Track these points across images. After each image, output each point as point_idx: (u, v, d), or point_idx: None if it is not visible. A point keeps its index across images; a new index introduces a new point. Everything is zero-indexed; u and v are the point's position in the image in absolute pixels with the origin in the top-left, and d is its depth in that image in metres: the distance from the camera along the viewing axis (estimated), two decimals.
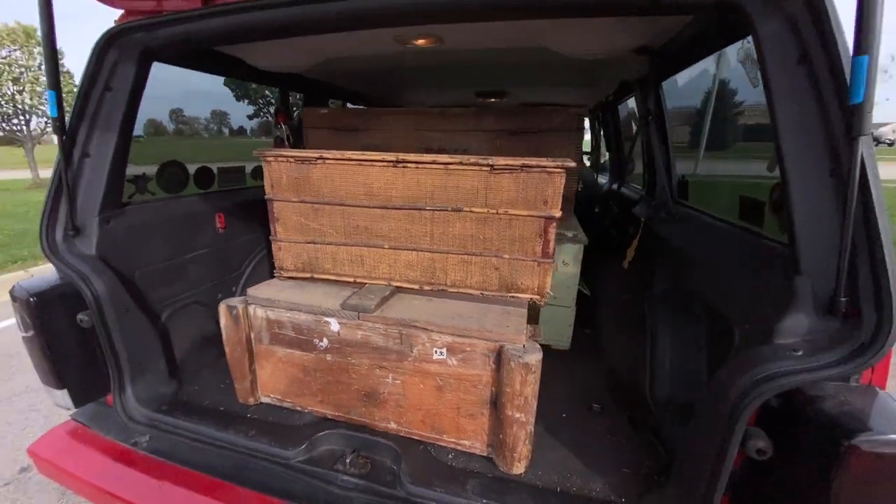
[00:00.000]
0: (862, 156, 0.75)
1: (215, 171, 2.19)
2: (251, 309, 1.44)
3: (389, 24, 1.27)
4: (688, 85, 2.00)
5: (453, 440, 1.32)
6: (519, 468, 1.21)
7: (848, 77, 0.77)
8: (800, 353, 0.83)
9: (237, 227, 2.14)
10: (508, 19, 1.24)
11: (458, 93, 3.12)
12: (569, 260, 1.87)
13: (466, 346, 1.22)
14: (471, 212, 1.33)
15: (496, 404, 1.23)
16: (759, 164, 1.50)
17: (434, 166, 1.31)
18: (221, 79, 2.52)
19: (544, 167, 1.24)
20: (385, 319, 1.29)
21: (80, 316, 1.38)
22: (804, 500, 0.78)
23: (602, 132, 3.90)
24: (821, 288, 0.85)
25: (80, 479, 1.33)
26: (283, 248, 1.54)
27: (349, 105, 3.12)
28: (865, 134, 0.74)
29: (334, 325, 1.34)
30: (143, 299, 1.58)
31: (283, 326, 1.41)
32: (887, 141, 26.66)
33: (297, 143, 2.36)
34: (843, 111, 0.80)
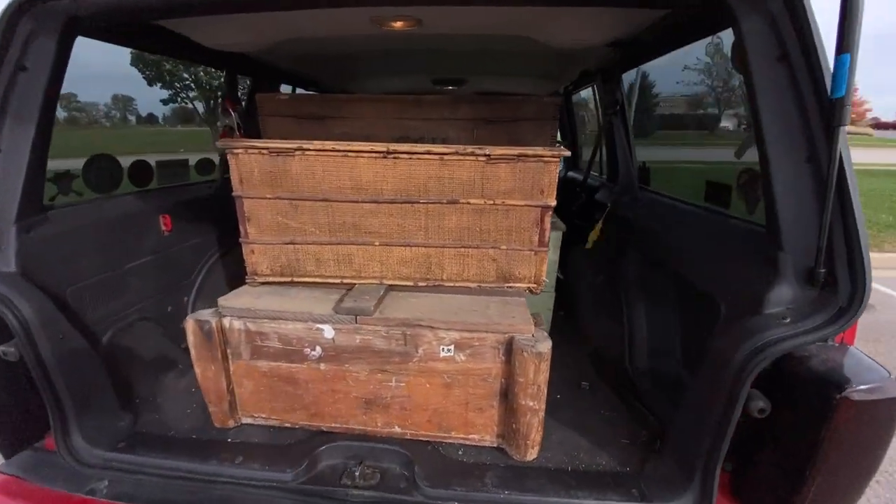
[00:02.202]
0: (840, 146, 0.85)
1: (153, 165, 1.89)
2: (226, 321, 1.27)
3: (373, 3, 1.17)
4: (648, 77, 2.14)
5: (462, 436, 1.30)
6: (532, 454, 1.23)
7: (826, 73, 0.86)
8: (788, 320, 0.94)
9: (184, 229, 1.88)
10: (496, 4, 1.21)
11: (415, 80, 3.03)
12: (549, 247, 1.92)
13: (475, 340, 1.20)
14: (467, 203, 1.30)
15: (506, 395, 1.23)
16: (718, 150, 1.65)
17: (428, 157, 1.25)
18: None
19: (541, 156, 1.24)
20: (387, 321, 1.22)
21: (3, 348, 1.12)
22: (800, 450, 0.88)
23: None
24: (801, 262, 0.96)
25: None
26: (257, 250, 1.38)
27: (299, 91, 2.88)
28: (845, 124, 0.84)
29: (328, 331, 1.24)
30: (80, 321, 1.33)
31: (266, 338, 1.27)
32: None
33: (250, 132, 2.12)
34: (821, 104, 0.90)
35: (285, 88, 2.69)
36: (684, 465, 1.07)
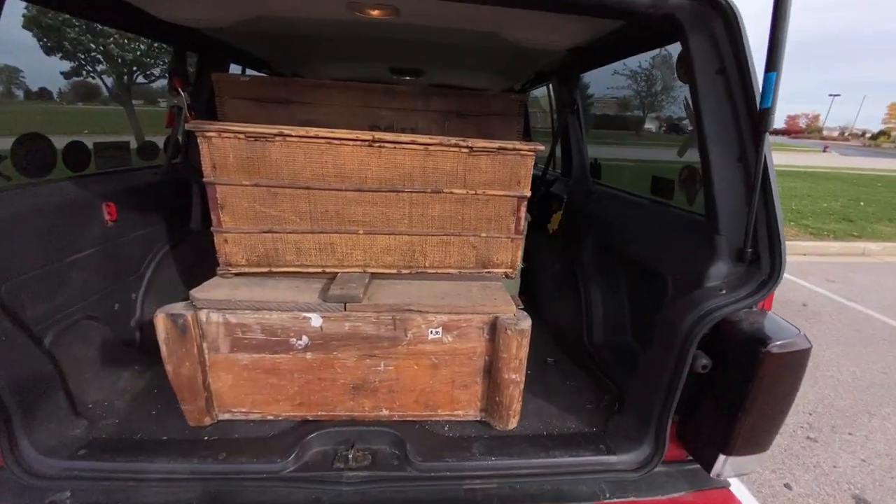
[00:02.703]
0: (765, 148, 1.05)
1: (90, 147, 1.68)
2: (203, 315, 1.21)
3: None
4: (599, 82, 2.33)
5: (447, 413, 1.38)
6: (513, 423, 1.35)
7: (756, 87, 1.05)
8: (724, 291, 1.14)
9: (130, 219, 1.71)
10: (470, 2, 1.26)
11: (371, 68, 2.98)
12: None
13: (462, 322, 1.28)
14: (451, 193, 1.36)
15: (489, 371, 1.33)
16: (657, 150, 1.88)
17: (413, 147, 1.28)
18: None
19: (518, 150, 1.33)
20: (376, 307, 1.25)
21: None
22: (734, 396, 1.09)
23: None
24: (732, 243, 1.16)
25: None
26: (231, 240, 1.32)
27: (249, 72, 2.69)
28: (770, 131, 1.03)
29: (315, 319, 1.24)
30: (19, 320, 1.18)
31: (248, 330, 1.23)
32: None
33: (199, 113, 1.96)
34: (750, 113, 1.09)
35: (234, 69, 2.51)
36: (641, 420, 1.26)
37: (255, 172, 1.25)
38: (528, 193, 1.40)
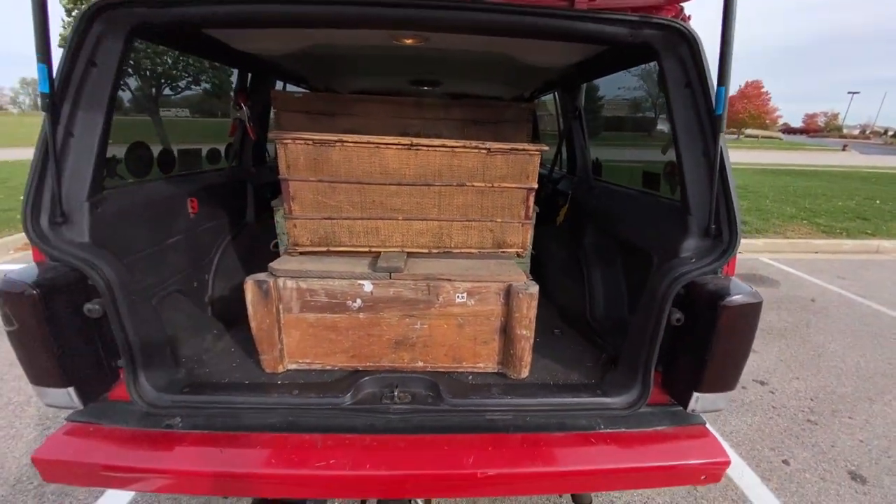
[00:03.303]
0: (721, 145, 1.33)
1: (175, 153, 2.08)
2: (280, 282, 1.55)
3: (399, 28, 1.50)
4: (600, 89, 2.63)
5: (471, 365, 1.69)
6: (525, 373, 1.65)
7: (713, 98, 1.34)
8: (693, 260, 1.42)
9: (205, 212, 2.09)
10: (486, 35, 1.58)
11: (395, 79, 3.35)
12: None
13: (482, 288, 1.59)
14: (472, 186, 1.68)
15: (505, 330, 1.63)
16: (647, 150, 2.17)
17: (443, 149, 1.61)
18: None
19: (527, 150, 1.65)
20: (414, 276, 1.57)
21: (88, 306, 1.33)
22: (701, 342, 1.35)
23: None
24: (700, 222, 1.44)
25: (117, 468, 1.32)
26: (299, 224, 1.67)
27: (288, 86, 3.10)
28: (723, 132, 1.32)
29: (367, 286, 1.57)
30: (137, 288, 1.54)
31: (315, 294, 1.57)
32: None
33: (256, 125, 2.35)
34: (710, 118, 1.38)
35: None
36: (631, 371, 1.53)
37: (319, 171, 1.60)
38: (536, 186, 1.71)
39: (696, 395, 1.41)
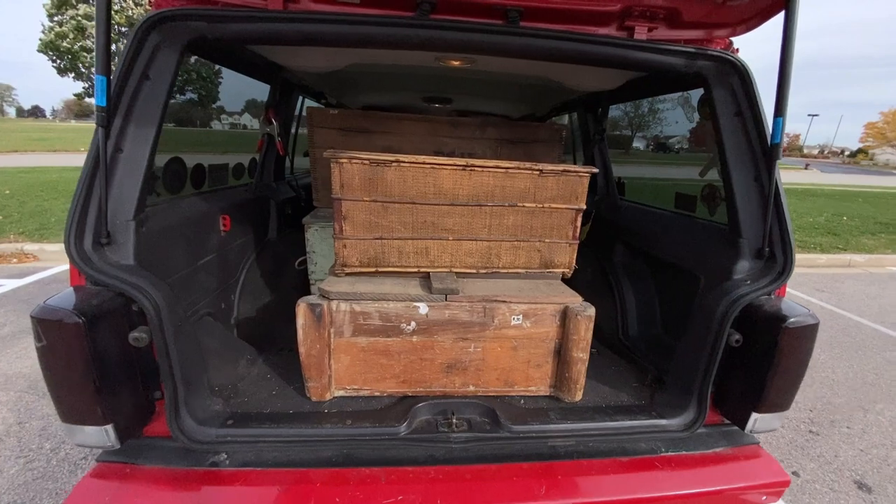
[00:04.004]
0: (777, 171, 1.39)
1: (206, 168, 1.99)
2: (334, 304, 1.49)
3: (467, 52, 1.50)
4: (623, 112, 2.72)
5: (522, 388, 1.66)
6: (579, 396, 1.63)
7: (768, 125, 1.40)
8: (748, 282, 1.46)
9: (234, 229, 2.00)
10: (548, 61, 1.61)
11: (408, 96, 3.36)
12: None
13: (538, 310, 1.57)
14: (523, 206, 1.68)
15: (559, 352, 1.62)
16: (674, 171, 2.24)
17: (496, 170, 1.61)
18: None
19: (577, 171, 1.67)
20: (471, 298, 1.54)
21: (135, 334, 1.23)
22: (761, 364, 1.38)
23: None
24: (752, 244, 1.49)
25: None
26: (349, 245, 1.62)
27: (307, 101, 3.05)
28: (780, 158, 1.37)
29: (423, 308, 1.53)
30: (178, 313, 1.45)
31: (369, 317, 1.52)
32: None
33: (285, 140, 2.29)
34: (762, 144, 1.43)
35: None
36: (684, 391, 1.55)
37: (373, 190, 1.56)
38: (584, 206, 1.73)
39: (754, 415, 1.43)
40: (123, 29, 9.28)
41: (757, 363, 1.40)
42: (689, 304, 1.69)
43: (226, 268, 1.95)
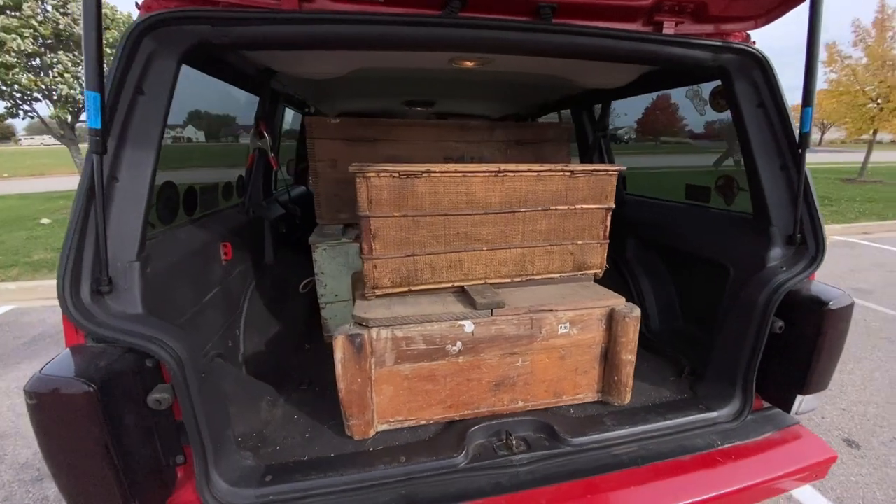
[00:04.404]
0: (804, 158, 1.42)
1: (198, 190, 1.76)
2: (374, 332, 1.36)
3: (482, 51, 1.42)
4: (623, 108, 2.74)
5: (570, 397, 1.61)
6: (628, 398, 1.60)
7: (792, 116, 1.43)
8: (784, 269, 1.48)
9: (234, 257, 1.80)
10: (568, 57, 1.56)
11: (390, 101, 3.23)
12: None
13: (585, 316, 1.52)
14: (555, 209, 1.62)
15: (606, 356, 1.58)
16: (674, 162, 2.29)
17: (529, 174, 1.54)
18: None
19: (607, 170, 1.63)
20: (516, 310, 1.47)
21: (156, 395, 1.05)
22: (804, 347, 1.41)
23: None
24: (784, 232, 1.52)
25: None
26: (380, 265, 1.49)
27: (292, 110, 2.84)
28: (808, 147, 1.41)
29: (468, 326, 1.43)
30: (195, 360, 1.26)
31: (412, 342, 1.40)
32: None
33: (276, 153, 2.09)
34: (786, 134, 1.46)
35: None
36: (728, 381, 1.56)
37: (404, 204, 1.44)
38: (613, 205, 1.70)
39: (800, 397, 1.46)
40: (49, 41, 8.34)
41: (801, 347, 1.43)
42: (717, 294, 1.71)
43: (230, 301, 1.75)
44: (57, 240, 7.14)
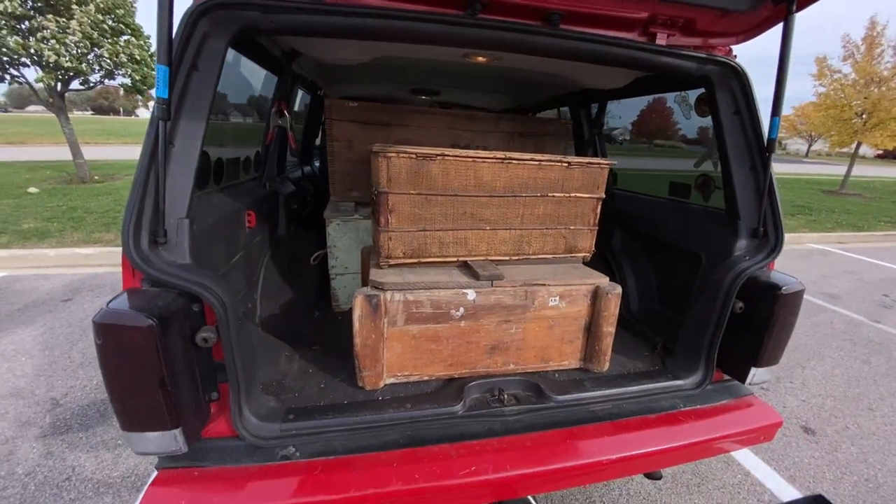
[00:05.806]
0: (771, 162, 1.63)
1: (224, 161, 1.90)
2: (388, 295, 1.54)
3: (498, 50, 1.58)
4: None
5: (556, 364, 1.81)
6: (606, 366, 1.82)
7: (764, 124, 1.63)
8: (747, 258, 1.70)
9: (257, 226, 1.95)
10: (573, 60, 1.73)
11: (397, 88, 3.36)
12: None
13: (573, 291, 1.73)
14: (552, 196, 1.81)
15: (589, 328, 1.79)
16: (659, 163, 2.49)
17: (531, 162, 1.72)
18: None
19: (599, 164, 1.83)
20: (513, 282, 1.66)
21: (203, 334, 1.21)
22: (761, 325, 1.63)
23: None
24: (750, 226, 1.74)
25: None
26: (394, 237, 1.66)
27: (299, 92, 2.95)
28: (773, 152, 1.61)
29: (471, 294, 1.62)
30: (240, 309, 1.43)
31: (421, 305, 1.58)
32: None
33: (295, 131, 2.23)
34: (758, 140, 1.67)
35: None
36: (693, 355, 1.78)
37: (419, 184, 1.61)
38: (604, 195, 1.89)
39: (753, 370, 1.69)
40: (38, 4, 8.11)
41: (756, 326, 1.65)
42: (690, 280, 1.93)
43: (250, 266, 1.91)
44: (46, 210, 7.08)
